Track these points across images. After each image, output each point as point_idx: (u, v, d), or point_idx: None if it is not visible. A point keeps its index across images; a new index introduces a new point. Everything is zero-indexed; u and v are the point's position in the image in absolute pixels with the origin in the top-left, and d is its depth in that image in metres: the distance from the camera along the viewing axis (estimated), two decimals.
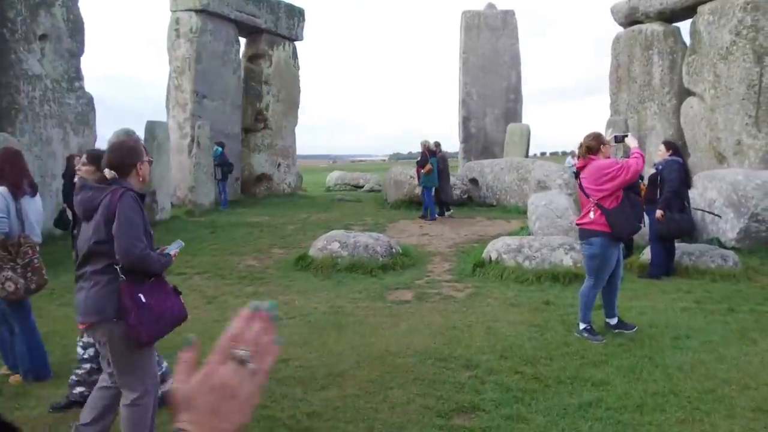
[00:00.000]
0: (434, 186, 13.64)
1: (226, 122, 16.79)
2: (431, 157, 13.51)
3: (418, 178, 13.88)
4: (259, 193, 18.28)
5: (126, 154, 3.10)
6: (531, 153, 20.41)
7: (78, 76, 11.73)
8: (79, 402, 3.77)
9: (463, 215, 14.14)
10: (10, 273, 4.32)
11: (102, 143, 15.22)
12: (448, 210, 14.10)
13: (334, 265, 8.18)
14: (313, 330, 5.60)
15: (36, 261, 4.44)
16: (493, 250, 7.87)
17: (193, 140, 14.99)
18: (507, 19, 21.11)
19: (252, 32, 18.01)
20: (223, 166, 15.31)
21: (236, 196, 16.91)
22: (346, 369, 4.54)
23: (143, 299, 2.95)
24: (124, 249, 2.90)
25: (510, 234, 10.08)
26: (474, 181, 16.49)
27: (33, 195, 4.62)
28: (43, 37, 10.86)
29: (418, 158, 14.18)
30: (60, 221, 10.15)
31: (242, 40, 17.96)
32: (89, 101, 12.00)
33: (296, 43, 19.62)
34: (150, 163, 3.23)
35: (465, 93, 21.09)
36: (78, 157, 10.46)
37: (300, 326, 5.74)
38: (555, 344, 4.97)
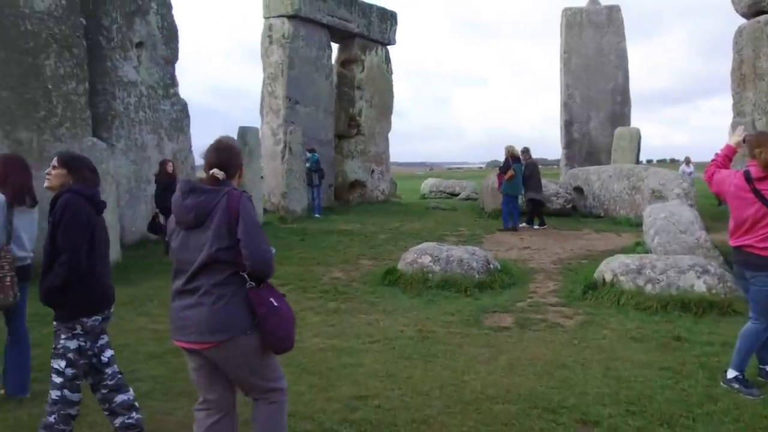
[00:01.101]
0: (517, 194, 12.79)
1: (318, 128, 16.57)
2: (514, 163, 12.59)
3: (499, 185, 13.03)
4: (352, 200, 17.94)
5: (235, 155, 2.91)
6: (640, 159, 18.79)
7: (173, 82, 11.79)
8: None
9: (567, 227, 12.99)
10: None
11: (197, 149, 15.49)
12: (543, 224, 12.98)
13: (424, 281, 7.47)
14: (398, 359, 4.91)
15: (8, 279, 4.02)
16: (607, 269, 6.85)
17: (285, 146, 14.84)
18: (612, 15, 19.63)
19: (344, 37, 17.75)
20: (317, 172, 15.13)
21: (329, 203, 16.65)
22: (432, 415, 3.80)
23: (275, 303, 2.77)
24: (257, 254, 2.70)
25: (623, 250, 8.94)
26: (578, 190, 15.26)
27: (31, 207, 4.33)
28: (139, 45, 10.96)
29: (501, 164, 13.34)
30: (152, 226, 10.17)
31: (334, 46, 17.72)
32: (183, 107, 12.04)
33: (389, 47, 19.19)
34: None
35: (567, 95, 19.80)
36: (170, 163, 10.51)
37: (383, 353, 5.07)
38: (696, 397, 3.97)
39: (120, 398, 3.50)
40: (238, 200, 2.72)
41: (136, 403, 3.59)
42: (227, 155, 2.86)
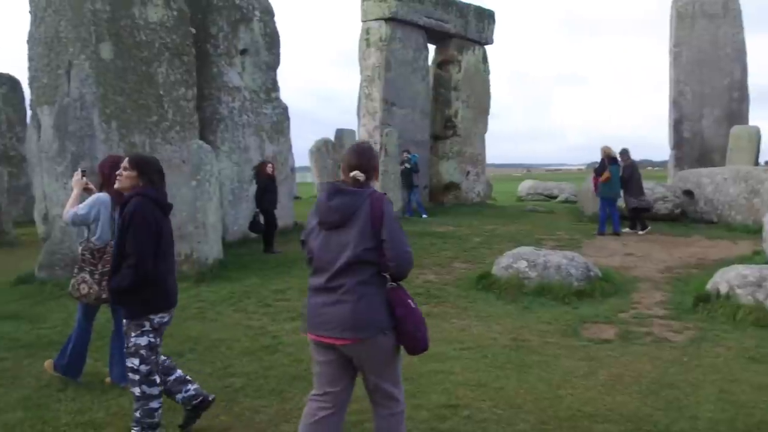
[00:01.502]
0: (614, 197, 12.16)
1: (414, 130, 16.57)
2: (611, 165, 11.95)
3: (595, 187, 12.44)
4: (446, 202, 17.81)
5: (373, 158, 3.03)
6: (760, 161, 17.32)
7: (274, 87, 12.18)
8: None
9: (675, 233, 12.19)
10: (87, 276, 4.35)
11: (296, 151, 15.94)
12: (644, 228, 12.26)
13: (520, 286, 7.24)
14: (490, 368, 4.76)
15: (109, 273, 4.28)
16: (722, 281, 6.32)
17: (381, 148, 14.95)
18: (728, 5, 18.18)
19: (441, 38, 17.64)
20: (417, 172, 15.22)
21: (424, 205, 16.58)
22: (525, 430, 3.65)
23: (412, 304, 2.88)
24: (401, 255, 2.82)
25: (740, 260, 8.24)
26: (688, 193, 14.28)
27: None
28: (243, 52, 11.41)
29: (596, 166, 12.72)
30: (254, 225, 10.55)
31: (431, 47, 17.66)
32: (284, 111, 12.41)
33: (486, 46, 18.86)
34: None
35: (677, 92, 18.57)
36: (270, 164, 10.86)
37: (475, 361, 4.94)
38: None
39: (172, 377, 3.75)
40: (381, 202, 2.83)
41: (188, 377, 3.84)
42: (366, 158, 2.98)
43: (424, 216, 14.99)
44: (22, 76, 17.65)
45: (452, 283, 8.04)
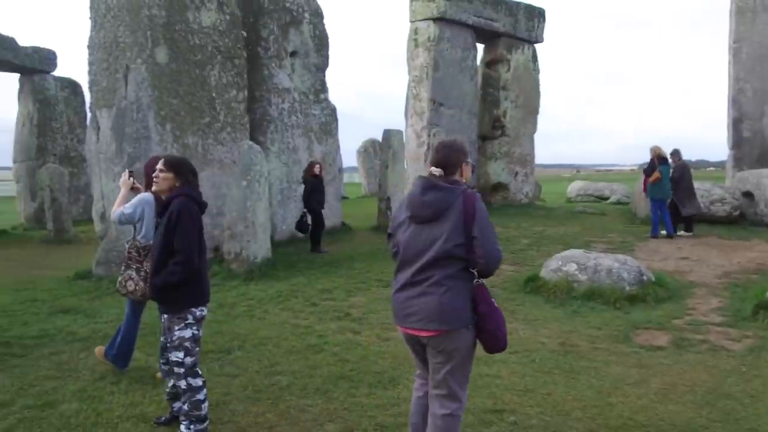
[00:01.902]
0: (665, 198, 11.79)
1: (462, 130, 16.44)
2: (661, 165, 11.57)
3: (644, 188, 12.09)
4: (494, 203, 17.60)
5: (455, 154, 3.04)
6: None
7: (323, 88, 12.30)
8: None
9: (734, 236, 11.72)
10: (133, 274, 4.54)
11: (344, 152, 16.05)
12: (690, 230, 11.85)
13: (569, 290, 7.09)
14: (537, 373, 4.68)
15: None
16: None
17: (428, 148, 14.91)
18: None
19: (490, 37, 17.44)
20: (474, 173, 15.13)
21: None
22: None
23: (495, 303, 2.94)
24: (491, 253, 2.88)
25: None
26: (748, 195, 13.69)
27: None
28: (293, 54, 11.57)
29: (645, 166, 12.36)
30: (300, 225, 10.69)
31: (480, 46, 17.48)
32: (332, 112, 12.52)
33: (536, 45, 18.56)
34: (473, 167, 3.21)
35: (737, 90, 17.82)
36: (318, 165, 10.97)
37: (522, 366, 4.87)
38: None
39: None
40: (473, 200, 2.90)
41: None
42: (446, 155, 3.02)
43: None
44: (83, 79, 18.34)
45: (499, 285, 7.93)
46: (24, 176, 15.95)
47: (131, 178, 4.60)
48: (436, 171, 2.99)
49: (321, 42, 12.18)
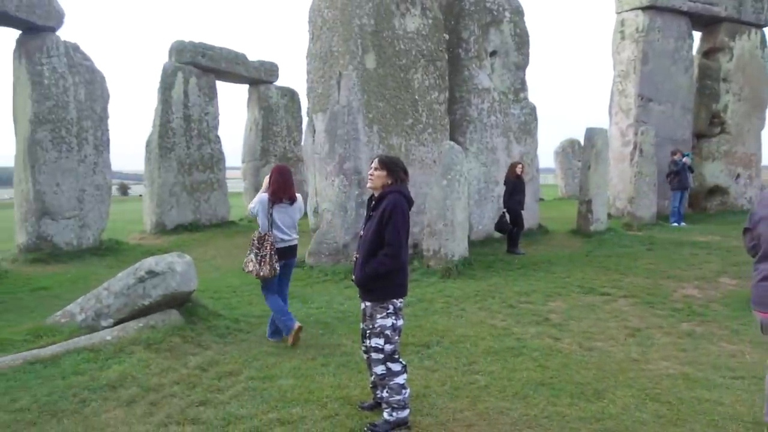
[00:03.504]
0: None
1: (674, 127, 15.10)
2: None
3: None
4: (710, 208, 15.91)
5: None
6: None
7: (523, 87, 12.11)
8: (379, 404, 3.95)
9: None
10: (252, 257, 5.50)
11: (542, 152, 15.57)
12: None
13: None
14: None
15: (268, 256, 5.46)
16: None
17: (635, 147, 13.92)
18: None
19: (708, 23, 15.74)
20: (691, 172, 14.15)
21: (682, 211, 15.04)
22: None
23: None
24: None
25: None
26: None
27: (290, 204, 5.69)
28: (492, 54, 11.55)
29: None
30: (500, 224, 10.63)
31: (696, 34, 15.84)
32: (532, 111, 12.27)
33: (765, 29, 16.31)
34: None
35: None
36: (520, 165, 10.79)
37: (750, 394, 4.34)
38: None
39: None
40: None
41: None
42: None
43: (677, 224, 13.53)
44: (299, 87, 20.06)
45: (718, 300, 7.18)
46: (250, 175, 18.00)
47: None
48: None
49: (521, 40, 12.00)
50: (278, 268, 5.54)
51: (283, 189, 5.63)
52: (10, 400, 4.21)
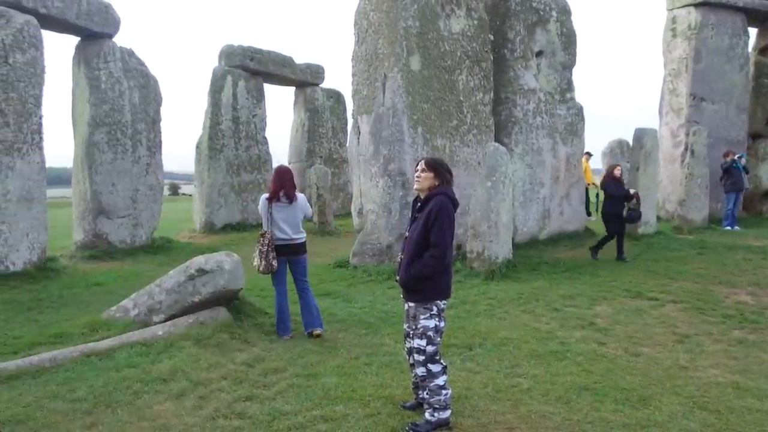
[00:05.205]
0: None
1: (728, 127, 14.63)
2: None
3: None
4: (765, 212, 15.36)
5: None
6: None
7: (569, 87, 11.94)
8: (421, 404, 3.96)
9: None
10: (257, 252, 5.83)
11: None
12: None
13: None
14: None
15: (265, 252, 5.77)
16: None
17: (686, 148, 13.55)
18: None
19: (765, 20, 15.19)
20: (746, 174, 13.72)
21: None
22: None
23: None
24: None
25: None
26: None
27: (289, 203, 5.94)
28: (538, 54, 11.42)
29: None
30: (631, 215, 10.35)
31: (752, 31, 15.31)
32: (579, 111, 12.09)
33: None
34: None
35: None
36: (618, 167, 10.45)
37: None
38: None
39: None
40: None
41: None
42: None
43: (731, 227, 13.09)
44: (344, 89, 20.31)
45: None
46: (296, 175, 18.31)
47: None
48: None
49: (568, 40, 11.83)
50: (275, 265, 5.84)
51: (280, 189, 5.94)
52: (69, 390, 4.42)
